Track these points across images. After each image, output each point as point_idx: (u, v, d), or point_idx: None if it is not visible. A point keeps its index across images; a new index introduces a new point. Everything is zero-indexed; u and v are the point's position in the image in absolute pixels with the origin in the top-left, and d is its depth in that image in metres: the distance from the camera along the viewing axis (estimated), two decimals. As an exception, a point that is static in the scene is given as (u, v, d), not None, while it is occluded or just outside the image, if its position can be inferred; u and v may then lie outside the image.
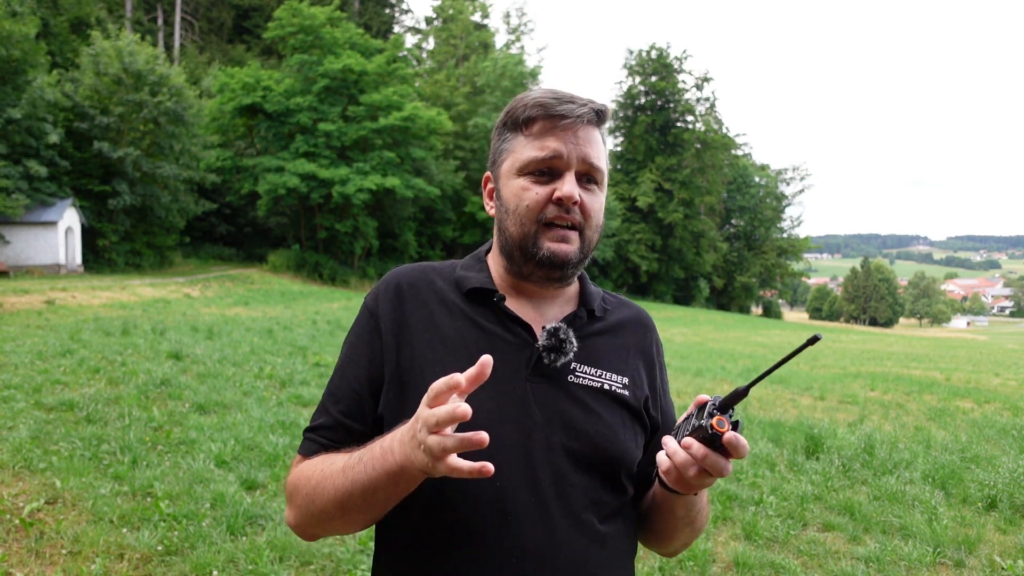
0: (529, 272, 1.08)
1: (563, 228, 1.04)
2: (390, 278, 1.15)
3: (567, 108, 1.03)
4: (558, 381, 1.06)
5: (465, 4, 48.92)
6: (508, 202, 1.07)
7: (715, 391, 9.84)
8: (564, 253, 1.04)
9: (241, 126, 35.59)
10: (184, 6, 49.16)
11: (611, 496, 1.07)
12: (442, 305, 1.10)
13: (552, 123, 1.04)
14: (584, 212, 1.05)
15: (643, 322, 1.22)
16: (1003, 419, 8.61)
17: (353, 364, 1.10)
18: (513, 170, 1.07)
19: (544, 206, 1.04)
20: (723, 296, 62.41)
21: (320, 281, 33.88)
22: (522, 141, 1.06)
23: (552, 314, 1.12)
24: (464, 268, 1.15)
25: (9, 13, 25.25)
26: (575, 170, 1.04)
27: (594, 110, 1.06)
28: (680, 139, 55.59)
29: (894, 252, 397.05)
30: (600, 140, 1.08)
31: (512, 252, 1.08)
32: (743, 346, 20.84)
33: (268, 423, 6.01)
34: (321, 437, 1.08)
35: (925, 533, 4.32)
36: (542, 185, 1.04)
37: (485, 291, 1.10)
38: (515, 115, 1.07)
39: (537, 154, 1.04)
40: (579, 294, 1.17)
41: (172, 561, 3.46)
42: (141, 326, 12.34)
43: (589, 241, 1.07)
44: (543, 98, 1.04)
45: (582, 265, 1.09)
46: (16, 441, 4.96)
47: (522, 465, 1.00)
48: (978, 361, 19.83)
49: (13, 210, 24.14)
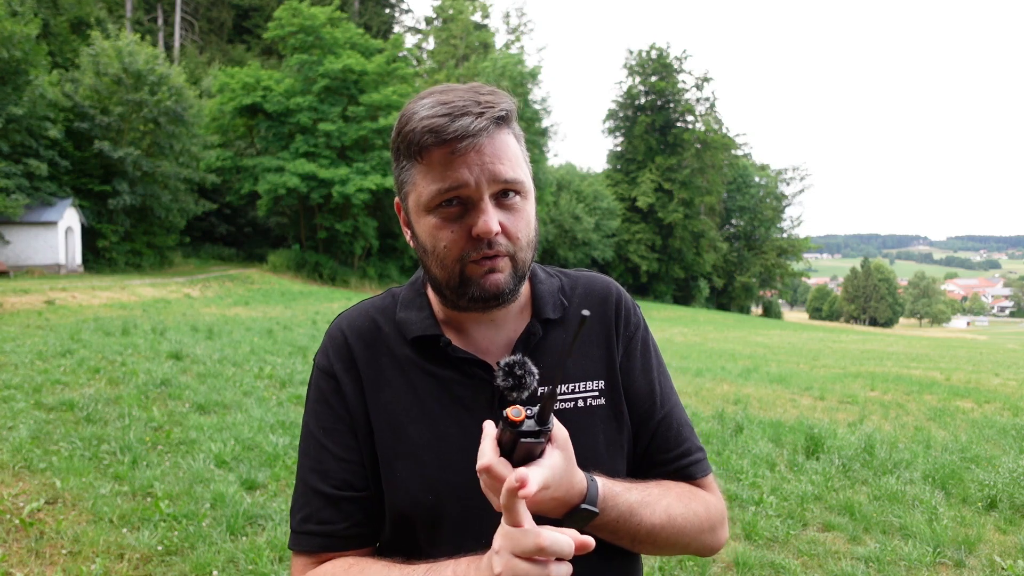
0: (465, 306, 0.98)
1: (491, 258, 0.93)
2: (335, 332, 1.05)
3: (461, 126, 0.87)
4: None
5: (465, 4, 48.93)
6: (424, 242, 0.96)
7: (715, 391, 9.83)
8: (495, 285, 0.93)
9: (241, 126, 35.60)
10: (184, 6, 49.16)
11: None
12: (391, 359, 1.02)
13: (448, 148, 0.89)
14: (509, 236, 0.93)
15: (599, 295, 1.09)
16: (1003, 419, 8.61)
17: (329, 432, 1.00)
18: (420, 207, 0.94)
19: (463, 245, 0.92)
20: (723, 296, 62.43)
21: (320, 281, 33.89)
22: (420, 173, 0.92)
23: (504, 336, 1.03)
24: (404, 307, 1.05)
25: (9, 13, 25.26)
26: (488, 192, 0.91)
27: (494, 118, 0.90)
28: (680, 139, 55.62)
29: (894, 252, 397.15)
30: (509, 145, 0.93)
31: (442, 291, 0.98)
32: (743, 346, 20.83)
33: (268, 423, 6.01)
34: (321, 525, 0.98)
35: (925, 533, 4.32)
36: (455, 221, 0.92)
37: (430, 337, 1.01)
38: (407, 142, 0.92)
39: (440, 186, 0.90)
40: (531, 301, 1.05)
41: (172, 561, 3.46)
42: (141, 326, 12.34)
43: (522, 262, 0.96)
44: (432, 120, 0.88)
45: (520, 285, 0.98)
46: (16, 441, 4.96)
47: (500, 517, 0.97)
48: (978, 361, 19.83)
49: (13, 210, 24.15)
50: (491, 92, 0.93)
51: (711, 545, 1.04)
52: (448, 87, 0.94)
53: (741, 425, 7.11)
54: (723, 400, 9.04)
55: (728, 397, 9.34)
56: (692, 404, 8.51)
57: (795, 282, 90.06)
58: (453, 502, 0.96)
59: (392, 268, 37.83)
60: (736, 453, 6.06)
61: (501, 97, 0.93)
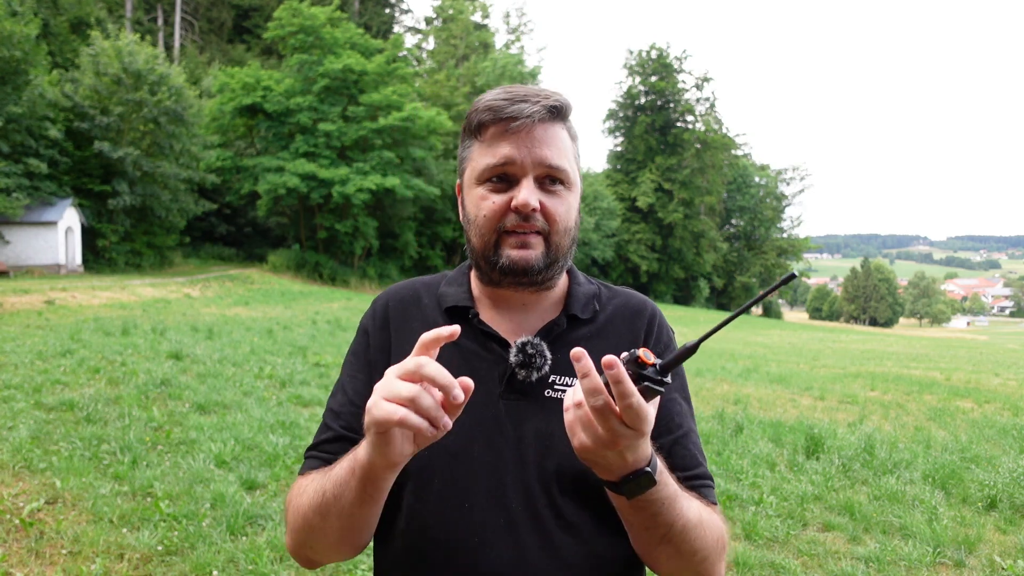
0: (497, 279, 1.04)
1: (524, 234, 1.00)
2: (380, 298, 1.16)
3: (517, 109, 0.98)
4: (534, 396, 1.02)
5: (465, 4, 48.91)
6: (469, 212, 1.04)
7: (715, 391, 9.84)
8: (525, 259, 1.00)
9: (241, 126, 35.59)
10: (184, 6, 49.15)
11: (590, 516, 1.00)
12: (424, 325, 1.07)
13: (503, 127, 0.99)
14: (547, 216, 1.00)
15: (635, 308, 1.13)
16: (1003, 419, 8.61)
17: (352, 379, 1.10)
18: (472, 179, 1.03)
19: (502, 215, 1.00)
20: (723, 296, 62.44)
21: (320, 281, 33.88)
22: (478, 148, 1.03)
23: (532, 323, 1.08)
24: (447, 283, 1.14)
25: (9, 13, 25.26)
26: (533, 174, 0.99)
27: (547, 107, 0.99)
28: (680, 139, 55.61)
29: (894, 252, 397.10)
30: (562, 137, 1.02)
31: (478, 262, 1.06)
32: (743, 346, 20.83)
33: (268, 423, 6.01)
34: (322, 452, 1.06)
35: (925, 533, 4.32)
36: (500, 193, 1.00)
37: (462, 308, 1.08)
38: (470, 121, 1.03)
39: (491, 161, 1.00)
40: (565, 298, 1.11)
41: (172, 561, 3.46)
42: (141, 326, 12.34)
43: (556, 246, 1.02)
44: (493, 101, 1.00)
45: (553, 270, 1.04)
46: (16, 441, 4.96)
47: (493, 485, 0.99)
48: (978, 361, 19.82)
49: (13, 210, 24.14)
50: (553, 91, 1.02)
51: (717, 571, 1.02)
52: (517, 85, 1.03)
53: (741, 425, 7.11)
54: (723, 400, 9.04)
55: (728, 397, 9.34)
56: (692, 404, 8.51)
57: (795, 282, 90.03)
58: (444, 463, 1.00)
59: (392, 268, 37.81)
60: (736, 453, 6.06)
61: (560, 95, 1.02)
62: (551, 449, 1.00)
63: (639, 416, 0.75)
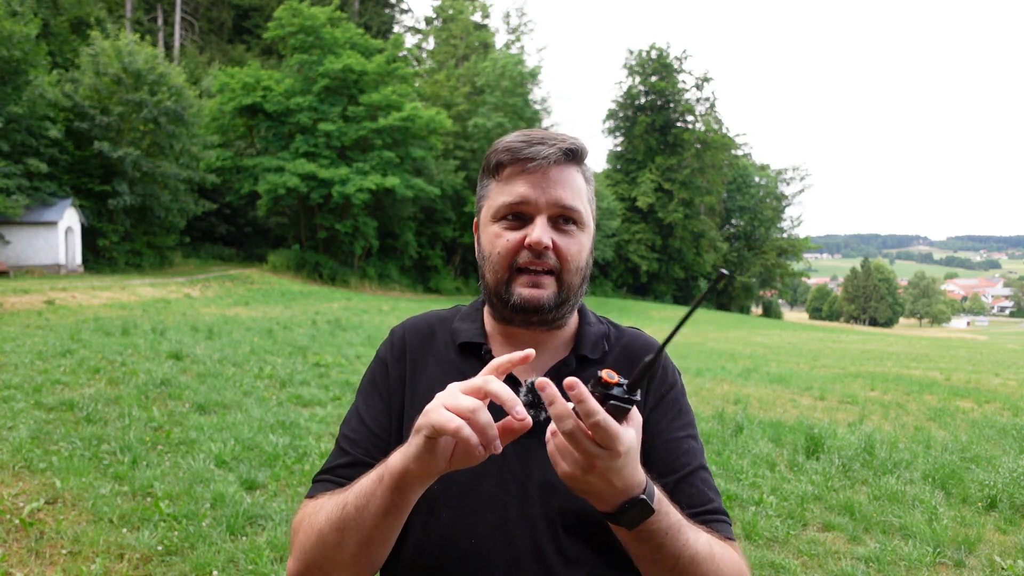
0: (509, 317, 1.07)
1: (536, 274, 1.03)
2: (398, 329, 1.20)
3: (534, 151, 1.02)
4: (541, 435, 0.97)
5: (465, 4, 48.91)
6: (484, 249, 1.07)
7: (715, 391, 9.83)
8: (536, 299, 1.03)
9: (241, 126, 35.60)
10: (184, 6, 49.15)
11: (593, 553, 1.01)
12: (437, 360, 1.12)
13: (520, 167, 1.03)
14: (559, 255, 1.03)
15: (640, 350, 1.15)
16: (1003, 419, 8.61)
17: (369, 408, 1.11)
18: (488, 217, 1.07)
19: (516, 252, 1.03)
20: (723, 296, 62.42)
21: (320, 281, 33.88)
22: (495, 187, 1.06)
23: (542, 362, 1.09)
24: (461, 319, 1.17)
25: (9, 13, 25.26)
26: (547, 214, 1.02)
27: (563, 149, 1.03)
28: (680, 139, 55.63)
29: (894, 252, 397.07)
30: (576, 179, 1.06)
31: (491, 298, 1.08)
32: (743, 346, 20.83)
33: (268, 423, 6.01)
34: (337, 476, 1.05)
35: (925, 533, 4.32)
36: (514, 231, 1.03)
37: (474, 344, 1.11)
38: (489, 161, 1.07)
39: (507, 199, 1.03)
40: (575, 337, 1.13)
41: (172, 561, 3.46)
42: (141, 326, 12.34)
43: (568, 285, 1.05)
44: (512, 142, 1.04)
45: (564, 309, 1.06)
46: (16, 441, 4.96)
47: (499, 521, 1.00)
48: (978, 361, 19.83)
49: (13, 210, 24.14)
50: (571, 136, 1.07)
51: None
52: (537, 130, 1.08)
53: (741, 425, 7.11)
54: (723, 400, 9.04)
55: (728, 397, 9.34)
56: (692, 404, 8.50)
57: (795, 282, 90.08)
58: (453, 497, 1.01)
59: (392, 268, 37.82)
60: (736, 453, 6.06)
61: (577, 139, 1.06)
62: (556, 488, 1.00)
63: (608, 434, 0.75)
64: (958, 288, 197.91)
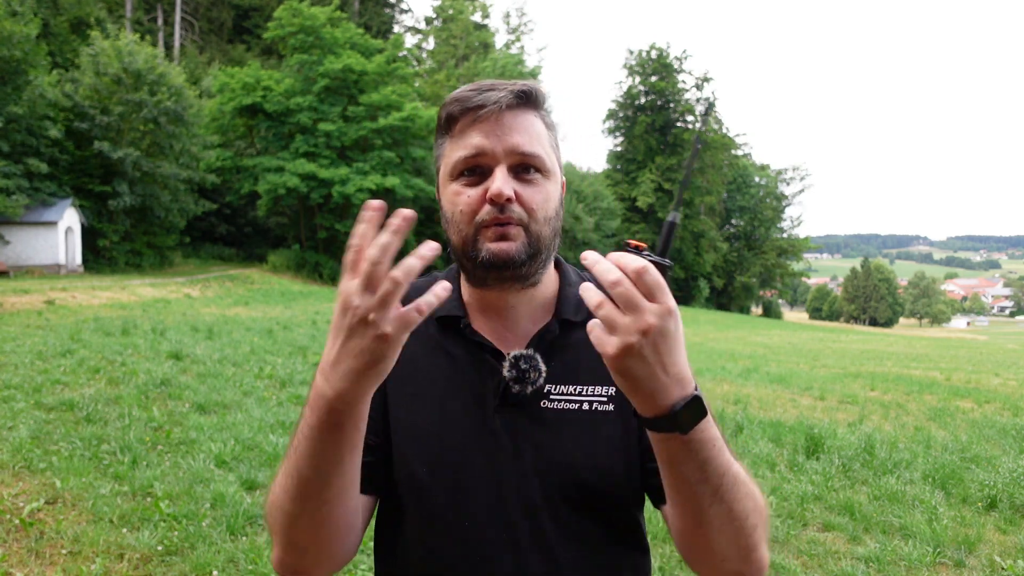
0: (481, 276, 0.99)
1: (502, 226, 0.94)
2: None
3: (484, 97, 0.94)
4: (530, 408, 0.99)
5: (465, 4, 48.94)
6: (446, 210, 1.00)
7: (715, 391, 9.84)
8: (505, 252, 0.94)
9: (241, 126, 35.60)
10: (184, 6, 49.16)
11: (594, 526, 0.98)
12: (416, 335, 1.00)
13: (471, 116, 0.95)
14: (525, 206, 0.95)
15: None
16: (1003, 419, 8.61)
17: None
18: (446, 175, 0.99)
19: (478, 208, 0.95)
20: (723, 296, 62.43)
21: (320, 281, 33.89)
22: (450, 143, 0.99)
23: (523, 328, 1.03)
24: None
25: (9, 13, 25.27)
26: (506, 163, 0.94)
27: (515, 92, 0.95)
28: (680, 139, 55.68)
29: (894, 252, 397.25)
30: (535, 123, 0.98)
31: (460, 260, 1.01)
32: (743, 346, 20.83)
33: (268, 423, 6.01)
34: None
35: (925, 533, 4.32)
36: (473, 187, 0.96)
37: (453, 318, 1.04)
38: (440, 117, 1.00)
39: (462, 153, 0.95)
40: (555, 301, 1.06)
41: (172, 561, 3.46)
42: (141, 326, 12.34)
43: (537, 235, 0.96)
44: (461, 92, 0.97)
45: (537, 262, 0.98)
46: (16, 441, 4.96)
47: (492, 500, 0.97)
48: (978, 361, 19.83)
49: (13, 210, 24.15)
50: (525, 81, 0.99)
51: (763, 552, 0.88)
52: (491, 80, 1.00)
53: (741, 425, 7.11)
54: (723, 400, 9.04)
55: (728, 397, 9.34)
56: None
57: (795, 282, 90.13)
58: (445, 480, 0.98)
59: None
60: (736, 453, 6.06)
61: (532, 83, 0.98)
62: (551, 462, 0.97)
63: (656, 281, 0.73)
64: (958, 288, 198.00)
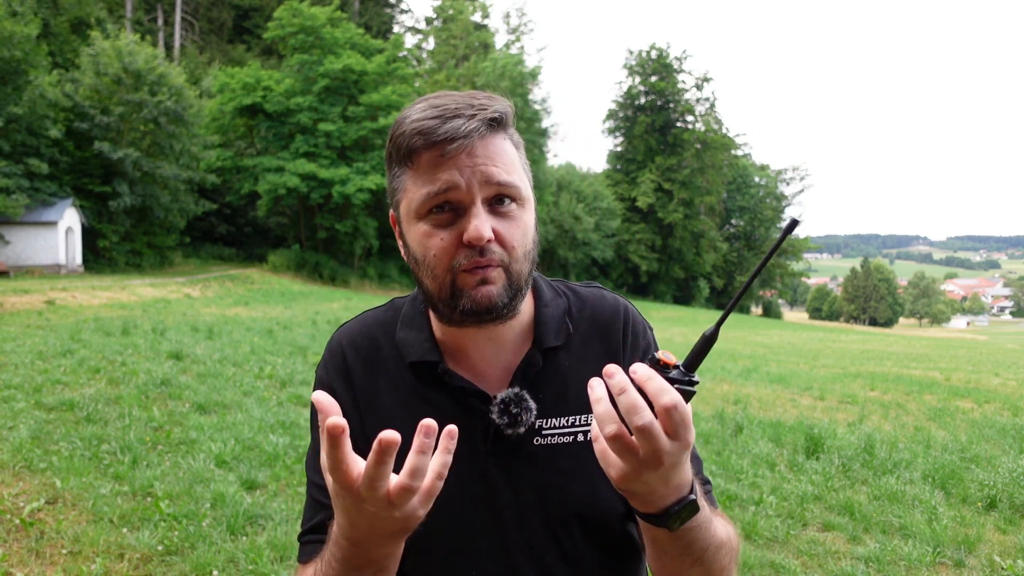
0: (460, 320, 0.92)
1: (482, 269, 0.88)
2: (335, 347, 1.04)
3: (451, 128, 0.84)
4: (523, 448, 0.96)
5: (465, 4, 48.93)
6: (415, 252, 0.91)
7: (715, 391, 9.84)
8: (487, 297, 0.88)
9: (241, 126, 35.62)
10: (184, 6, 49.16)
11: (604, 558, 0.97)
12: (389, 381, 1.00)
13: (438, 151, 0.85)
14: (504, 244, 0.88)
15: (606, 319, 1.04)
16: (1003, 419, 8.61)
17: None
18: (411, 213, 0.90)
19: (454, 253, 0.87)
20: (723, 296, 62.45)
21: (320, 281, 33.89)
22: (411, 178, 0.89)
23: (504, 360, 0.98)
24: (404, 325, 1.03)
25: (9, 13, 25.28)
26: (481, 196, 0.86)
27: (486, 120, 0.86)
28: (680, 139, 55.68)
29: (894, 252, 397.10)
30: (505, 150, 0.89)
31: (435, 304, 0.94)
32: (743, 346, 20.84)
33: (268, 423, 6.01)
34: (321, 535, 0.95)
35: (925, 533, 4.32)
36: (445, 228, 0.87)
37: (428, 363, 0.98)
38: (397, 147, 0.89)
39: (430, 189, 0.86)
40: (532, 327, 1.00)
41: (172, 561, 3.46)
42: (141, 326, 12.35)
43: (517, 274, 0.90)
44: (423, 122, 0.86)
45: (517, 300, 0.92)
46: (16, 441, 4.97)
47: (497, 548, 0.95)
48: (978, 361, 19.83)
49: (13, 210, 24.16)
50: (487, 96, 0.90)
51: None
52: (443, 93, 0.91)
53: (741, 425, 7.11)
54: (723, 400, 9.05)
55: (728, 397, 9.35)
56: (692, 404, 8.51)
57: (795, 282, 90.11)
58: (444, 530, 0.94)
59: (392, 268, 37.83)
60: (736, 453, 6.06)
61: (497, 100, 0.90)
62: (550, 500, 0.95)
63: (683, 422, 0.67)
64: (958, 288, 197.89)
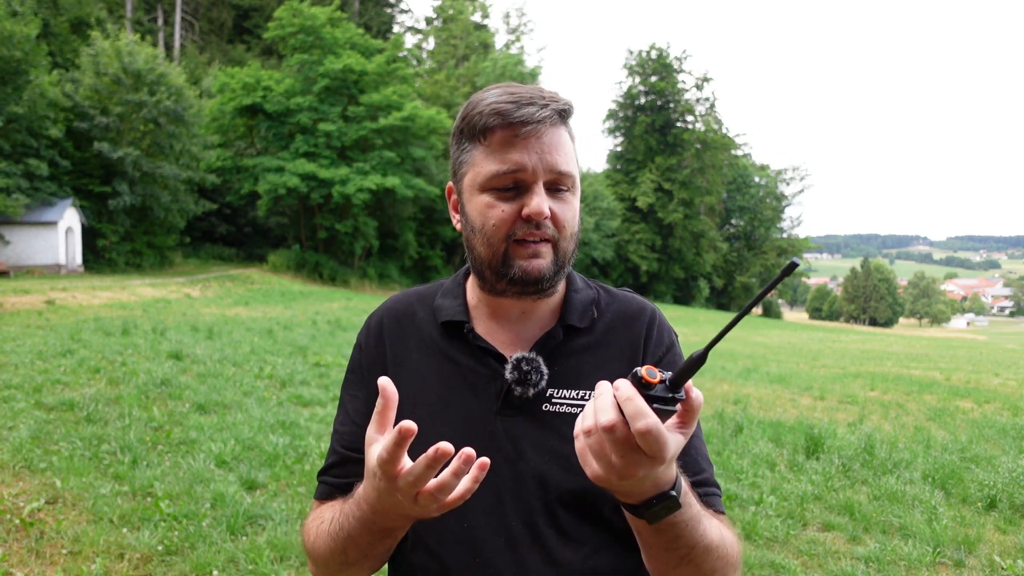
0: (503, 289, 1.01)
1: (535, 243, 0.97)
2: (375, 314, 1.15)
3: (527, 113, 0.94)
4: (531, 412, 1.00)
5: (465, 4, 48.93)
6: (474, 220, 1.00)
7: (715, 391, 9.83)
8: (537, 269, 0.97)
9: (241, 126, 35.60)
10: (184, 6, 49.16)
11: (594, 530, 0.98)
12: (419, 340, 1.08)
13: (512, 132, 0.94)
14: (557, 223, 0.98)
15: (632, 313, 1.09)
16: (1003, 419, 8.61)
17: (352, 399, 1.10)
18: (475, 185, 0.99)
19: (512, 224, 0.96)
20: (723, 296, 62.47)
21: (320, 281, 33.88)
22: (482, 153, 0.98)
23: (529, 333, 1.05)
24: (443, 295, 1.12)
25: (9, 13, 25.28)
26: (543, 180, 0.96)
27: (557, 110, 0.96)
28: (680, 139, 55.67)
29: (894, 252, 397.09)
30: (566, 141, 0.99)
31: (482, 271, 1.02)
32: (743, 346, 20.84)
33: (268, 423, 6.01)
34: (331, 477, 1.08)
35: (925, 533, 4.32)
36: (508, 201, 0.96)
37: (456, 323, 1.06)
38: (472, 123, 0.98)
39: (500, 167, 0.95)
40: (561, 306, 1.07)
41: (172, 561, 3.46)
42: (141, 326, 12.34)
43: (564, 252, 1.00)
44: (500, 104, 0.95)
45: (560, 276, 1.01)
46: (16, 441, 4.97)
47: (491, 504, 0.98)
48: (978, 361, 19.83)
49: (13, 210, 24.16)
50: (553, 92, 0.99)
51: None
52: (514, 84, 1.00)
53: (741, 425, 7.11)
54: (723, 400, 9.05)
55: (728, 397, 9.34)
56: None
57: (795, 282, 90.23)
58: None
59: (392, 268, 37.81)
60: (736, 453, 6.06)
61: (562, 96, 0.99)
62: (550, 465, 0.98)
63: (659, 442, 0.69)
64: (958, 288, 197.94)
